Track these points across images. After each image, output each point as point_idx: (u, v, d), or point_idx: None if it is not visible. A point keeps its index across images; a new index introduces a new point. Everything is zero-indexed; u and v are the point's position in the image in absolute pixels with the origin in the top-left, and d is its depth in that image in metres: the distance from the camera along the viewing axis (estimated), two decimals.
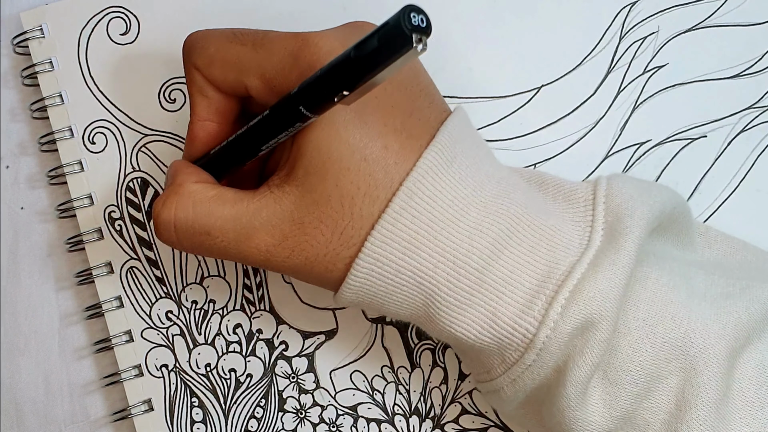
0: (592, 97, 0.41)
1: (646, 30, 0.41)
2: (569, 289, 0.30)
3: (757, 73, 0.41)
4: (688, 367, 0.31)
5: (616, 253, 0.31)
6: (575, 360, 0.31)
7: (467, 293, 0.31)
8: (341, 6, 0.41)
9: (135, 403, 0.40)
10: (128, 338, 0.40)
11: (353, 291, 0.32)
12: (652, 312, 0.31)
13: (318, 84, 0.28)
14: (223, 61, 0.33)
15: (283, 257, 0.32)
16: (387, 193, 0.31)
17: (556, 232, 0.32)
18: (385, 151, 0.31)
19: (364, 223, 0.31)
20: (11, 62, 0.42)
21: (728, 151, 0.40)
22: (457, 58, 0.41)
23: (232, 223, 0.32)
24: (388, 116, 0.31)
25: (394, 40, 0.25)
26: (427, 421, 0.40)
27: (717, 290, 0.33)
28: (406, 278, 0.31)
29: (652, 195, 0.33)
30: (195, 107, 0.34)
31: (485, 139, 0.40)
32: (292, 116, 0.29)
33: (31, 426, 0.41)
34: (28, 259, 0.42)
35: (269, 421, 0.40)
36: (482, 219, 0.31)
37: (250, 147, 0.32)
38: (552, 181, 0.34)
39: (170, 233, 0.32)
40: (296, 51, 0.31)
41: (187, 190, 0.32)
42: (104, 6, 0.41)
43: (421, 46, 0.24)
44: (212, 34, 0.33)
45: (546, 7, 0.41)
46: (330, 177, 0.31)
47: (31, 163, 0.42)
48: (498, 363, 0.32)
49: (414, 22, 0.24)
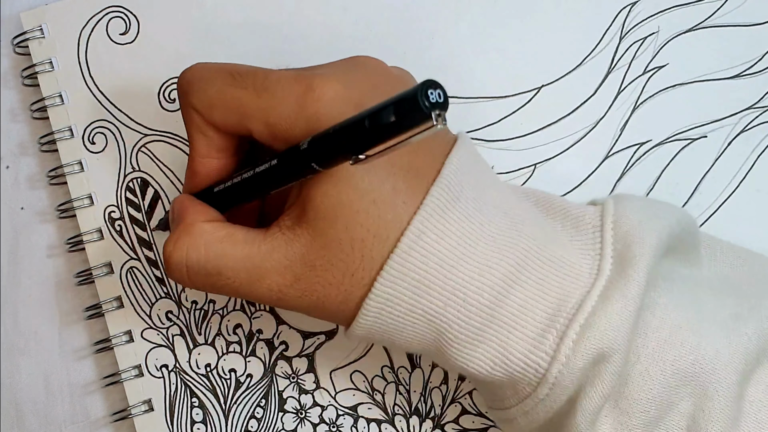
0: (592, 97, 0.41)
1: (646, 30, 0.41)
2: (580, 323, 0.30)
3: (757, 73, 0.41)
4: (698, 392, 0.31)
5: (626, 284, 0.31)
6: (586, 391, 0.30)
7: (478, 330, 0.31)
8: (341, 6, 0.41)
9: (135, 403, 0.40)
10: (128, 338, 0.40)
11: (365, 329, 0.32)
12: (662, 339, 0.31)
13: (331, 143, 0.27)
14: (223, 105, 0.32)
15: (295, 297, 0.32)
16: (396, 233, 0.31)
17: (566, 263, 0.32)
18: (393, 193, 0.31)
19: (374, 264, 0.31)
20: (11, 62, 0.42)
21: (728, 152, 0.40)
22: (457, 58, 0.41)
23: (243, 263, 0.31)
24: (395, 156, 0.31)
25: (412, 116, 0.24)
26: (427, 421, 0.40)
27: (726, 311, 0.33)
28: (416, 317, 0.31)
29: (660, 219, 0.33)
30: (195, 144, 0.34)
31: (485, 139, 0.40)
32: (303, 169, 0.29)
33: (31, 426, 0.41)
34: (28, 259, 0.42)
35: (269, 421, 0.40)
36: (491, 255, 0.31)
37: (257, 191, 0.32)
38: (559, 205, 0.34)
39: (182, 274, 0.32)
40: (300, 97, 0.30)
41: (198, 230, 0.32)
42: (104, 6, 0.41)
43: (441, 123, 0.24)
44: (210, 74, 0.33)
45: (546, 8, 0.41)
46: (340, 221, 0.30)
47: (31, 163, 0.42)
48: (511, 395, 0.32)
49: (432, 99, 0.24)
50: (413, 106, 0.24)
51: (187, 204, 0.34)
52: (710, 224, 0.40)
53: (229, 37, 0.41)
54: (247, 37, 0.41)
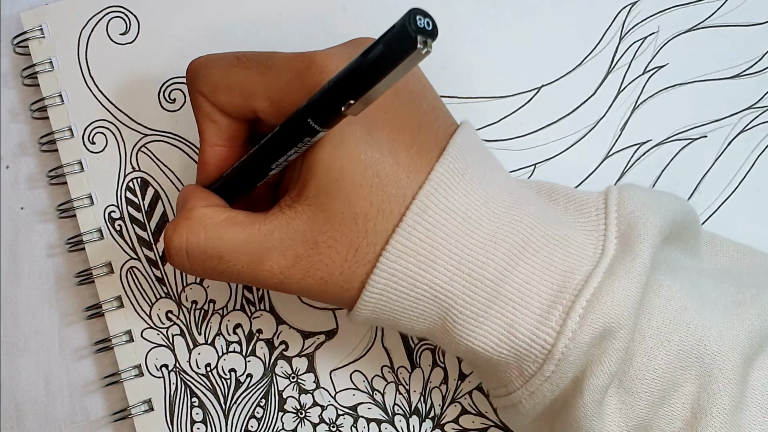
0: (592, 97, 0.41)
1: (646, 30, 0.41)
2: (586, 298, 0.30)
3: (757, 73, 0.41)
4: (703, 374, 0.31)
5: (631, 260, 0.31)
6: (593, 369, 0.30)
7: (484, 305, 0.31)
8: (341, 6, 0.41)
9: (135, 403, 0.40)
10: (128, 338, 0.40)
11: (369, 308, 0.32)
12: (666, 320, 0.31)
13: (326, 96, 0.27)
14: (228, 86, 0.32)
15: (298, 279, 0.32)
16: (400, 207, 0.31)
17: (570, 242, 0.32)
18: (396, 166, 0.31)
19: (378, 239, 0.31)
20: (11, 62, 0.42)
21: (728, 152, 0.40)
22: (457, 58, 0.41)
23: (244, 246, 0.31)
24: (397, 132, 0.31)
25: (399, 44, 0.24)
26: (427, 421, 0.40)
27: (728, 298, 0.33)
28: (422, 292, 0.31)
29: (663, 203, 0.33)
30: (204, 133, 0.34)
31: (485, 139, 0.40)
32: (301, 131, 0.29)
33: (31, 426, 0.41)
34: (28, 259, 0.42)
35: (269, 421, 0.40)
36: (496, 230, 0.31)
37: (261, 167, 0.32)
38: (562, 191, 0.34)
39: (182, 259, 0.32)
40: (302, 71, 0.31)
41: (198, 214, 0.32)
42: (104, 6, 0.41)
43: (426, 49, 0.24)
44: (215, 59, 0.33)
45: (546, 7, 0.41)
46: (343, 194, 0.30)
47: (31, 163, 0.42)
48: (516, 376, 0.32)
49: (420, 25, 0.24)
50: (401, 34, 0.24)
51: (191, 192, 0.34)
52: (710, 224, 0.40)
53: (229, 37, 0.41)
54: (246, 36, 0.41)
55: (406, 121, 0.32)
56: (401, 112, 0.32)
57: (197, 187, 0.34)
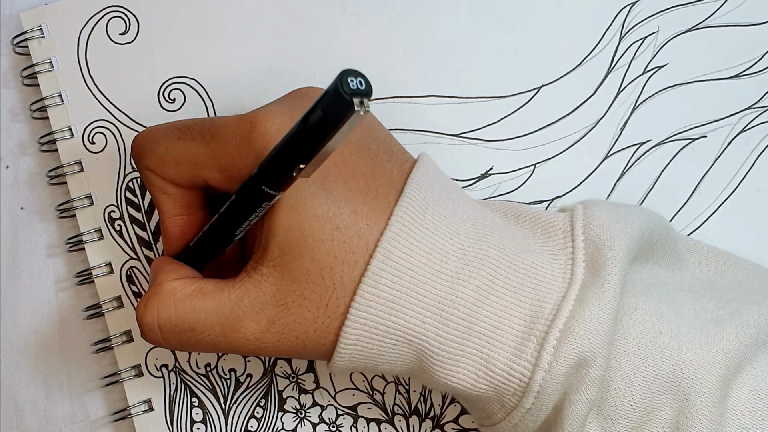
0: (592, 97, 0.41)
1: (646, 30, 0.41)
2: (559, 328, 0.30)
3: (757, 73, 0.41)
4: (681, 398, 0.31)
5: (600, 287, 0.31)
6: (571, 398, 0.31)
7: (458, 344, 0.31)
8: (341, 6, 0.41)
9: (135, 403, 0.40)
10: (128, 338, 0.40)
11: (345, 359, 0.32)
12: (642, 345, 0.31)
13: (275, 161, 0.28)
14: (175, 159, 0.33)
15: (274, 342, 0.32)
16: (365, 256, 0.31)
17: (539, 269, 0.32)
18: (355, 216, 0.31)
19: (347, 291, 0.31)
20: (11, 62, 0.42)
21: (728, 152, 0.40)
22: (457, 58, 0.41)
23: (215, 315, 0.31)
24: (350, 180, 0.31)
25: (336, 108, 0.25)
26: (427, 421, 0.40)
27: (707, 315, 0.33)
28: (395, 338, 0.31)
29: (629, 222, 0.33)
30: (160, 206, 0.34)
31: (485, 138, 0.40)
32: (257, 197, 0.30)
33: (31, 426, 0.41)
34: (28, 259, 0.42)
35: (269, 421, 0.40)
36: (463, 267, 0.31)
37: (225, 234, 0.32)
38: (528, 213, 0.34)
39: (156, 334, 0.32)
40: (246, 135, 0.31)
41: (167, 288, 0.32)
42: (104, 6, 0.41)
43: (364, 109, 0.25)
44: (158, 133, 0.33)
45: (546, 7, 0.41)
46: (306, 252, 0.30)
47: (31, 163, 0.42)
48: (498, 409, 0.32)
49: (353, 87, 0.24)
50: (336, 98, 0.25)
51: (160, 265, 0.34)
52: (710, 224, 0.40)
53: (229, 37, 0.41)
54: (246, 36, 0.41)
55: (360, 167, 0.32)
56: (352, 160, 0.32)
57: (166, 259, 0.34)
